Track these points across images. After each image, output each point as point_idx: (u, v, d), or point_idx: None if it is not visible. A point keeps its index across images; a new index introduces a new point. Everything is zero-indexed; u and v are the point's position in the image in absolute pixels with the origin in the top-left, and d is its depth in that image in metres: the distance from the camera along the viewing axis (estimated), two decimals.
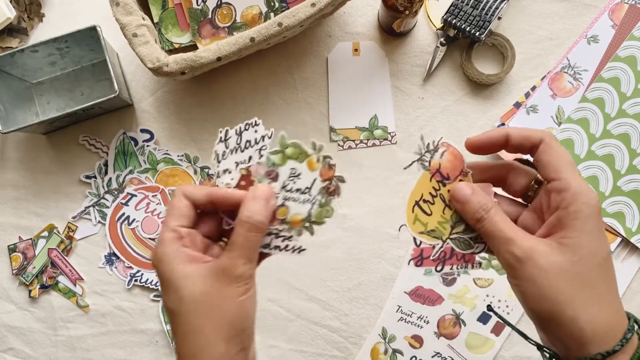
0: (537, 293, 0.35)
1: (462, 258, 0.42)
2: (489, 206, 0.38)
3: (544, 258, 0.34)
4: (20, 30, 0.72)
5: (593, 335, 0.34)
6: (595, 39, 0.68)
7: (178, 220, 0.40)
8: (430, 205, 0.42)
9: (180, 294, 0.38)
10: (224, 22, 0.65)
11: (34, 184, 0.71)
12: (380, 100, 0.69)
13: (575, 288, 0.34)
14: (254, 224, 0.39)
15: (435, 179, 0.42)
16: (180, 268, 0.39)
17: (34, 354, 0.69)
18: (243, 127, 0.44)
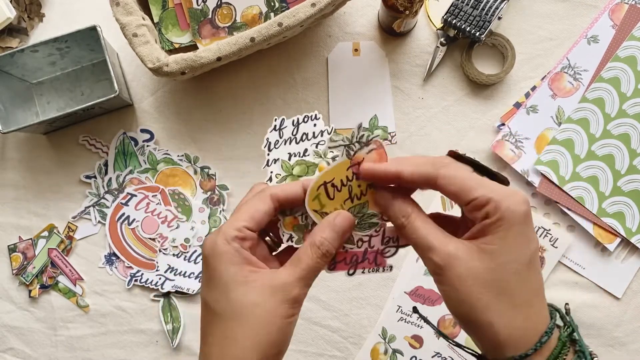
0: (456, 298, 0.35)
1: (373, 261, 0.43)
2: (408, 212, 0.38)
3: (463, 265, 0.35)
4: (21, 30, 0.72)
5: (508, 340, 0.35)
6: (595, 39, 0.68)
7: (249, 221, 0.38)
8: (336, 192, 0.42)
9: (230, 296, 0.37)
10: (224, 22, 0.65)
11: (34, 184, 0.71)
12: (380, 100, 0.69)
13: (492, 295, 0.35)
14: (324, 253, 0.38)
15: (352, 170, 0.41)
16: (235, 269, 0.37)
17: (34, 354, 0.69)
18: (301, 119, 0.43)
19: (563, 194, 0.66)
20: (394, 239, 0.43)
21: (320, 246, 0.38)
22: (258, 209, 0.39)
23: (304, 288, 0.38)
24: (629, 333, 0.66)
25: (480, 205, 0.35)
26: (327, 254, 0.39)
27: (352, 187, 0.42)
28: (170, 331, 0.68)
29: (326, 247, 0.38)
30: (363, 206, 0.42)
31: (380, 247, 0.43)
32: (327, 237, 0.39)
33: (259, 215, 0.39)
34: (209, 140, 0.71)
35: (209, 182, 0.70)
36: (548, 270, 0.66)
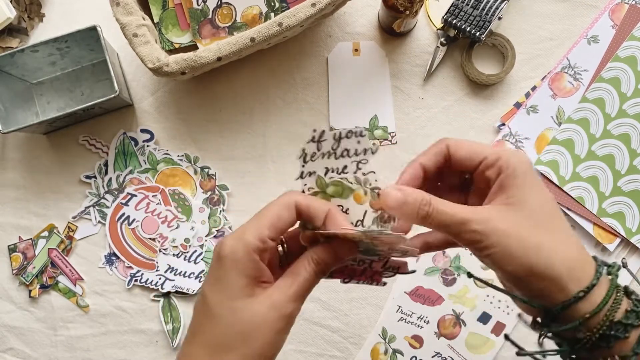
0: (508, 255, 0.35)
1: (369, 277, 0.43)
2: (427, 199, 0.37)
3: (501, 222, 0.36)
4: (21, 30, 0.72)
5: (570, 275, 0.35)
6: (595, 39, 0.68)
7: (272, 230, 0.38)
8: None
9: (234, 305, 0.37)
10: (224, 22, 0.65)
11: (34, 184, 0.71)
12: (380, 100, 0.69)
13: (539, 236, 0.36)
14: (320, 270, 0.39)
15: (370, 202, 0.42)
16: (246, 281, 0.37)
17: (34, 354, 0.69)
18: (344, 134, 0.41)
19: (563, 194, 0.66)
20: (394, 268, 0.43)
21: (317, 265, 0.39)
22: (282, 217, 0.38)
23: (299, 305, 0.39)
24: None
25: (491, 163, 0.38)
26: (322, 272, 0.39)
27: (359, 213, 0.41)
28: (170, 331, 0.68)
29: (322, 267, 0.39)
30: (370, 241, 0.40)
31: (380, 270, 0.43)
32: (324, 257, 0.39)
33: (282, 224, 0.38)
34: (209, 140, 0.71)
35: (209, 182, 0.70)
36: None
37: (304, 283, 0.39)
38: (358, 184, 0.42)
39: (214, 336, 0.37)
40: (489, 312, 0.65)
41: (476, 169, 0.39)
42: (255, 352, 0.37)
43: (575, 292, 0.35)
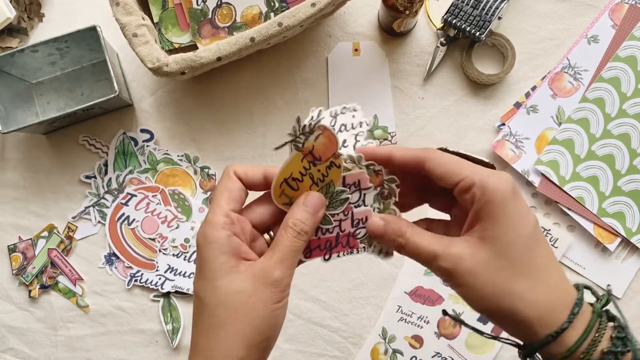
0: (475, 295, 0.35)
1: (346, 244, 0.43)
2: (403, 230, 0.38)
3: (470, 261, 0.35)
4: (20, 30, 0.72)
5: (540, 319, 0.34)
6: (595, 39, 0.68)
7: (230, 203, 0.39)
8: (299, 182, 0.42)
9: (216, 284, 0.37)
10: (224, 22, 0.65)
11: (34, 184, 0.71)
12: (381, 100, 0.69)
13: (508, 278, 0.34)
14: (299, 232, 0.39)
15: (306, 160, 0.42)
16: (223, 258, 0.37)
17: (34, 354, 0.69)
18: (340, 110, 0.43)
19: (563, 194, 0.66)
20: (363, 220, 0.43)
21: (294, 226, 0.39)
22: (231, 188, 0.40)
23: (285, 270, 0.38)
24: None
25: (466, 187, 0.35)
26: (302, 232, 0.39)
27: (313, 173, 0.42)
28: (170, 331, 0.68)
29: (300, 226, 0.39)
30: (329, 186, 0.43)
31: (351, 230, 0.43)
32: (299, 217, 0.39)
33: (235, 193, 0.40)
34: (209, 140, 0.71)
35: (209, 182, 0.70)
36: None
37: (286, 248, 0.38)
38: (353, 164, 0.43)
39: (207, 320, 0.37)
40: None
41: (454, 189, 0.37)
42: (248, 326, 0.37)
43: (543, 337, 0.34)
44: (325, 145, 0.41)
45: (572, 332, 0.34)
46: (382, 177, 0.42)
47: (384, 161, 0.40)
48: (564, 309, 0.34)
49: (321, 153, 0.42)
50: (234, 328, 0.37)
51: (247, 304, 0.37)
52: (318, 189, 0.42)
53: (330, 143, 0.41)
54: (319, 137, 0.41)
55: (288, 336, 0.67)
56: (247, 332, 0.37)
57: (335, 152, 0.42)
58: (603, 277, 0.66)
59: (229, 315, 0.37)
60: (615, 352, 0.34)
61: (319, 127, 0.41)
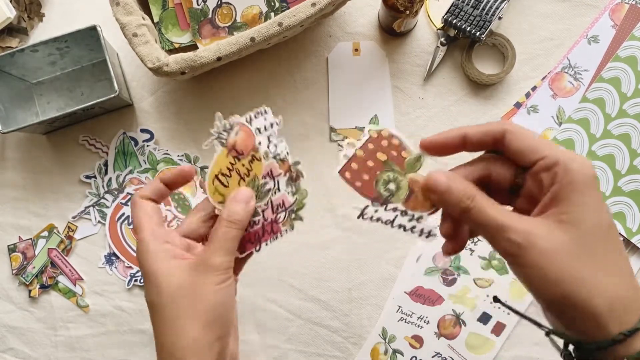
0: (544, 278, 0.32)
1: (271, 231, 0.46)
2: (472, 193, 0.34)
3: (545, 240, 0.32)
4: (20, 30, 0.72)
5: (611, 314, 0.31)
6: (595, 39, 0.68)
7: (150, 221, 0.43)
8: (228, 179, 0.46)
9: (160, 286, 0.40)
10: (224, 22, 0.65)
11: (34, 184, 0.71)
12: (380, 100, 0.69)
13: (584, 266, 0.32)
14: (232, 222, 0.42)
15: (231, 155, 0.47)
16: (161, 263, 0.40)
17: (34, 354, 0.69)
18: (253, 115, 0.48)
19: None
20: (281, 205, 0.46)
21: (228, 217, 0.42)
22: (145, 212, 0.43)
23: (223, 256, 0.40)
24: None
25: (547, 165, 0.33)
26: (235, 221, 0.42)
27: (239, 169, 0.47)
28: None
29: (233, 216, 0.42)
30: (255, 180, 0.47)
31: (273, 217, 0.46)
32: (231, 209, 0.42)
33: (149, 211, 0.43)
34: None
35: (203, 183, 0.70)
36: None
37: (220, 237, 0.41)
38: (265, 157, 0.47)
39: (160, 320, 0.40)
40: (489, 312, 0.65)
41: (530, 168, 0.34)
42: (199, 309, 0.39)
43: (615, 334, 0.31)
44: (244, 139, 0.46)
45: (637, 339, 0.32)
46: (288, 163, 0.47)
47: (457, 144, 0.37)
48: (637, 309, 0.32)
49: (242, 147, 0.47)
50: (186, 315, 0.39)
51: (191, 292, 0.39)
52: (245, 184, 0.46)
53: (248, 137, 0.47)
54: (238, 132, 0.46)
55: (288, 336, 0.67)
56: (198, 315, 0.39)
57: (253, 145, 0.47)
58: None
59: (179, 308, 0.39)
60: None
61: (237, 123, 0.47)
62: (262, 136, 0.47)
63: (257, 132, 0.47)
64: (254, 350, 0.67)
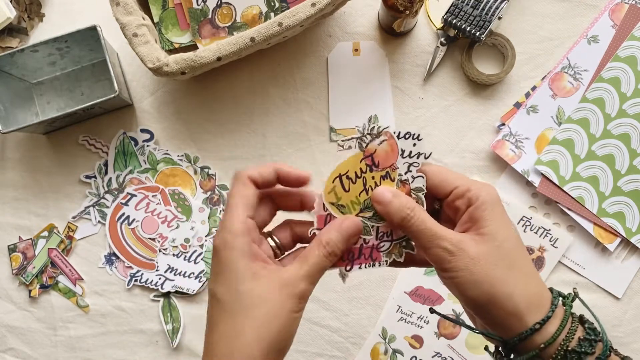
0: (472, 280, 0.37)
1: (369, 257, 0.44)
2: (412, 205, 0.40)
3: (472, 248, 0.38)
4: (21, 30, 0.72)
5: (528, 308, 0.38)
6: (595, 39, 0.68)
7: (246, 210, 0.40)
8: (351, 184, 0.43)
9: (239, 288, 0.38)
10: (224, 22, 0.65)
11: (34, 184, 0.71)
12: (380, 100, 0.69)
13: (504, 269, 0.38)
14: (329, 252, 0.40)
15: (365, 162, 0.43)
16: (244, 263, 0.38)
17: (34, 354, 0.69)
18: (403, 133, 0.43)
19: (563, 194, 0.66)
20: (387, 234, 0.44)
21: (327, 245, 0.40)
22: (247, 195, 0.41)
23: (309, 285, 0.40)
24: (629, 333, 0.66)
25: (461, 193, 0.39)
26: (333, 254, 0.40)
27: (367, 179, 0.43)
28: (170, 331, 0.68)
29: (332, 247, 0.40)
30: None
31: (375, 242, 0.44)
32: (333, 238, 0.40)
33: (250, 200, 0.41)
34: (209, 140, 0.71)
35: (209, 182, 0.70)
36: (548, 270, 0.66)
37: (315, 265, 0.40)
38: None
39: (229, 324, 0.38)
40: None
41: (447, 197, 0.41)
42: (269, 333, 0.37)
43: (532, 324, 0.37)
44: (386, 152, 0.43)
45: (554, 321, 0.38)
46: (409, 187, 0.43)
47: None
48: (546, 302, 0.38)
49: (381, 159, 0.43)
50: (254, 334, 0.37)
51: (271, 311, 0.38)
52: (367, 198, 0.43)
53: (392, 152, 0.43)
54: (383, 142, 0.43)
55: None
56: (266, 339, 0.37)
57: (394, 163, 0.43)
58: (603, 277, 0.66)
59: (250, 322, 0.37)
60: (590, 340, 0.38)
61: (386, 133, 0.42)
62: (404, 160, 0.43)
63: (401, 152, 0.43)
64: None
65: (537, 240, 0.66)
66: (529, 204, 0.67)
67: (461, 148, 0.68)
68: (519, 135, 0.67)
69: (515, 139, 0.67)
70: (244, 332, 0.37)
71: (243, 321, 0.37)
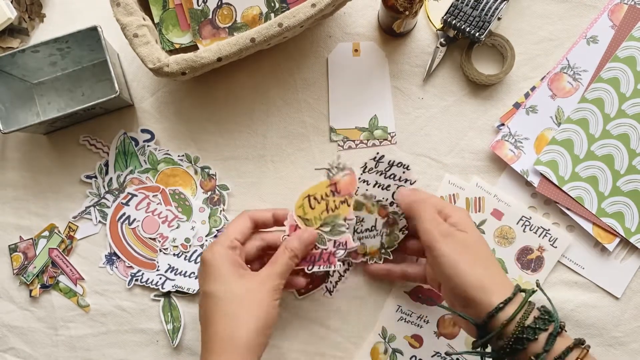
0: (454, 260, 0.50)
1: (327, 260, 0.57)
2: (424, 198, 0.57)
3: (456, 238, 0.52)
4: (21, 30, 0.72)
5: (494, 289, 0.48)
6: (594, 40, 0.68)
7: (236, 234, 0.55)
8: (317, 203, 0.57)
9: (229, 285, 0.51)
10: (224, 22, 0.65)
11: (35, 184, 0.71)
12: (380, 100, 0.69)
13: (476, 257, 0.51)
14: (294, 256, 0.55)
15: (329, 189, 0.58)
16: (230, 266, 0.53)
17: (35, 353, 0.70)
18: (396, 162, 0.59)
19: (562, 194, 0.66)
20: (343, 244, 0.58)
21: (291, 251, 0.55)
22: (241, 225, 0.57)
23: (281, 280, 0.54)
24: (629, 333, 0.66)
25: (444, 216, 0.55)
26: (295, 257, 0.56)
27: (329, 201, 0.58)
28: (170, 331, 0.68)
29: (294, 252, 0.55)
30: (336, 217, 0.58)
31: (333, 249, 0.58)
32: (296, 245, 0.56)
33: (245, 231, 0.57)
34: (209, 140, 0.71)
35: (210, 182, 0.70)
36: (547, 270, 0.66)
37: (283, 265, 0.54)
38: (366, 200, 0.60)
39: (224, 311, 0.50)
40: None
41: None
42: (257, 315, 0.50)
43: (497, 302, 0.47)
44: (347, 184, 0.57)
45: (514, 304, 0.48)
46: (388, 210, 0.60)
47: None
48: (509, 288, 0.49)
49: (342, 188, 0.58)
50: (247, 316, 0.50)
51: (256, 300, 0.51)
52: (327, 215, 0.58)
53: (351, 184, 0.57)
54: (345, 175, 0.57)
55: (288, 336, 0.68)
56: (256, 319, 0.50)
57: (351, 192, 0.57)
58: (602, 276, 0.66)
59: (243, 307, 0.50)
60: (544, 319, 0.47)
61: (348, 169, 0.58)
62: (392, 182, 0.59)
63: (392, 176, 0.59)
64: None
65: (537, 240, 0.66)
66: (528, 204, 0.67)
67: (460, 148, 0.69)
68: (518, 136, 0.67)
69: (514, 139, 0.67)
70: (239, 316, 0.50)
71: (236, 308, 0.50)
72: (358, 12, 0.71)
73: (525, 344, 0.46)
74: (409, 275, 0.61)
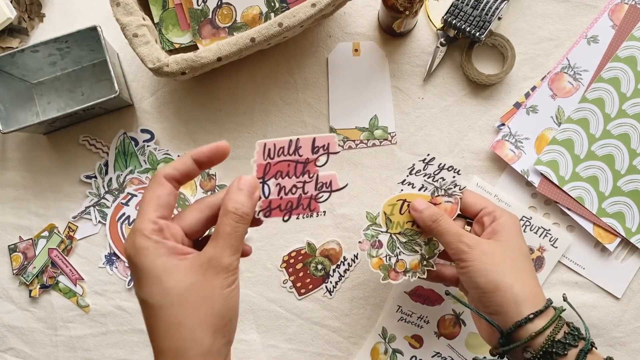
0: (483, 269, 0.48)
1: (307, 207, 0.45)
2: (441, 212, 0.54)
3: (486, 246, 0.49)
4: (21, 30, 0.72)
5: (525, 299, 0.47)
6: (595, 40, 0.68)
7: (157, 210, 0.39)
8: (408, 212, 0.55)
9: (163, 286, 0.37)
10: (224, 22, 0.65)
11: (34, 184, 0.71)
12: (380, 100, 0.69)
13: (510, 266, 0.48)
14: (240, 216, 0.39)
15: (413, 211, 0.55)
16: (162, 260, 0.38)
17: (34, 353, 0.70)
18: (446, 166, 0.56)
19: (563, 194, 0.66)
20: (327, 185, 0.45)
21: (235, 211, 0.39)
22: (160, 195, 0.39)
23: (232, 256, 0.39)
24: (629, 333, 0.66)
25: (488, 212, 0.54)
26: (244, 215, 0.39)
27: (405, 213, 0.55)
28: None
29: (241, 209, 0.39)
30: (417, 233, 0.56)
31: (314, 193, 0.45)
32: (240, 200, 0.40)
33: (163, 200, 0.40)
34: (209, 140, 0.70)
35: (209, 182, 0.70)
36: (548, 270, 0.66)
37: (230, 235, 0.39)
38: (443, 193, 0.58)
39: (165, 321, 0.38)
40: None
41: (476, 215, 0.55)
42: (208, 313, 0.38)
43: (527, 313, 0.46)
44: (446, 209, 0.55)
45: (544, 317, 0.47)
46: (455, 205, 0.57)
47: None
48: (541, 302, 0.48)
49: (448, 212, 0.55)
50: (194, 320, 0.37)
51: (201, 295, 0.37)
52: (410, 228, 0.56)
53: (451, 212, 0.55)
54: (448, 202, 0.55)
55: (288, 336, 0.68)
56: (208, 321, 0.38)
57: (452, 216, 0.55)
58: (602, 277, 0.66)
59: (187, 311, 0.37)
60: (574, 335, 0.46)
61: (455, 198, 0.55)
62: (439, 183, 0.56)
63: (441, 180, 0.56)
64: (254, 350, 0.68)
65: (537, 240, 0.66)
66: (529, 204, 0.67)
67: (461, 148, 0.69)
68: (518, 136, 0.67)
69: (515, 139, 0.67)
70: (184, 323, 0.37)
71: (178, 313, 0.37)
72: (358, 12, 0.71)
73: (555, 358, 0.45)
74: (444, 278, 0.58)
